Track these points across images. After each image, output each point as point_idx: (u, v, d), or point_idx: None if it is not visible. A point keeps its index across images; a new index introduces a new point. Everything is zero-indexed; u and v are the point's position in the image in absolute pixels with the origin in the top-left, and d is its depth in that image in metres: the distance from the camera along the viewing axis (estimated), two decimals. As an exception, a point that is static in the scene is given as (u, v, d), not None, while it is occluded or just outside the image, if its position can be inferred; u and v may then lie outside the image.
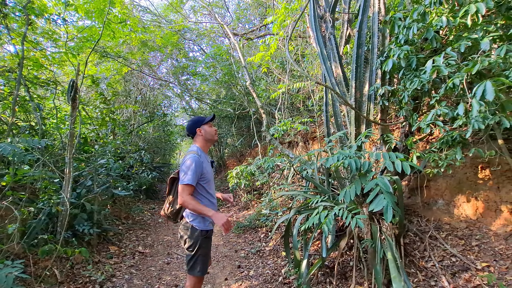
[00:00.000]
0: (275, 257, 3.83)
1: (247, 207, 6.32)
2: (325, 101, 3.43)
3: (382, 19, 2.87)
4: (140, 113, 8.49)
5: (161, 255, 4.27)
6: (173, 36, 6.94)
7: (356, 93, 2.76)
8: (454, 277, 2.34)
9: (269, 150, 5.05)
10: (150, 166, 7.80)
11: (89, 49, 5.43)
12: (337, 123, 3.29)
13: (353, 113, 2.76)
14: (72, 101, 3.79)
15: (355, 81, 2.74)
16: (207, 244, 2.14)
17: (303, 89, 6.27)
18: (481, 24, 1.95)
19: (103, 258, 3.80)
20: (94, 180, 4.10)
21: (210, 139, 2.21)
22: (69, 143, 3.70)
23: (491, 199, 2.71)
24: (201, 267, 2.08)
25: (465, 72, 1.87)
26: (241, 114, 7.75)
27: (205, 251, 2.12)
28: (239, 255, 4.13)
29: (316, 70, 4.77)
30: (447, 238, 2.74)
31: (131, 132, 8.19)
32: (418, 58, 2.42)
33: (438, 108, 2.10)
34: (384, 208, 1.66)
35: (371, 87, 2.89)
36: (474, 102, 1.74)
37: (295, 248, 2.82)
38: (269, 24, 8.90)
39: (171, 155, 16.68)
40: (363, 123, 2.85)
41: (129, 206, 6.52)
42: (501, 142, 2.60)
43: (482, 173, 2.85)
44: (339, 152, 2.00)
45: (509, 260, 2.24)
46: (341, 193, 1.99)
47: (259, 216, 4.97)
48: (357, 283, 2.82)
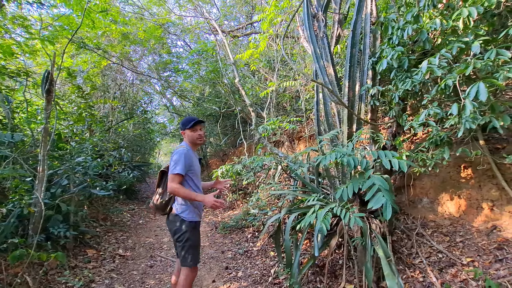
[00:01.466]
0: (264, 257, 3.78)
1: (233, 207, 6.22)
2: (316, 100, 3.43)
3: (373, 21, 2.92)
4: (119, 110, 8.11)
5: (144, 258, 4.08)
6: (156, 30, 6.68)
7: (349, 92, 2.78)
8: (442, 273, 2.42)
9: (257, 149, 5.00)
10: (130, 165, 7.48)
11: (66, 39, 5.10)
12: (328, 122, 3.30)
13: (345, 112, 2.77)
14: (47, 94, 3.51)
15: (349, 81, 2.76)
16: (195, 234, 2.27)
17: (290, 89, 6.29)
18: (471, 27, 2.01)
19: (80, 263, 3.56)
20: (70, 179, 3.83)
21: (193, 143, 2.35)
22: (43, 139, 3.43)
23: (473, 197, 2.84)
24: (192, 258, 2.20)
25: (458, 74, 1.92)
26: (226, 113, 7.63)
27: (194, 241, 2.25)
28: (226, 256, 4.03)
29: (306, 69, 4.78)
30: (433, 235, 2.83)
31: (109, 129, 7.80)
32: (410, 60, 2.48)
33: (430, 108, 2.15)
34: (383, 206, 1.66)
35: (363, 87, 2.92)
36: (467, 102, 1.79)
37: (287, 247, 2.78)
38: (255, 23, 8.86)
39: (150, 154, 16.13)
40: (354, 123, 2.88)
41: (106, 207, 6.19)
42: (483, 142, 2.72)
43: (465, 172, 2.97)
44: (337, 150, 1.98)
45: (491, 255, 2.35)
46: (338, 191, 1.98)
47: (246, 216, 4.90)
48: (347, 281, 2.83)
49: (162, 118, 16.21)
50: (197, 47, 7.09)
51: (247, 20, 9.17)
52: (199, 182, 2.36)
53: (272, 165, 5.46)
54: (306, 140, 6.85)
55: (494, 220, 2.62)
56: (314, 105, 3.46)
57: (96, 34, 5.98)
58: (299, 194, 3.28)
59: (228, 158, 10.60)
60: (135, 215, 6.59)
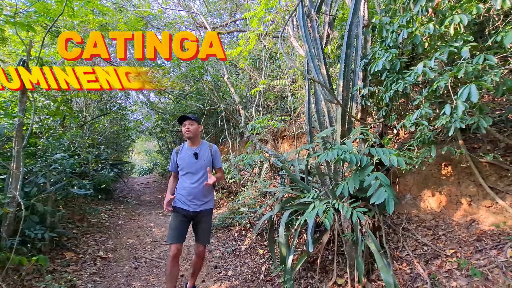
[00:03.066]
0: (253, 255, 3.78)
1: (217, 206, 6.14)
2: (308, 99, 3.49)
3: (365, 23, 3.02)
4: (95, 105, 7.66)
5: (127, 260, 3.90)
6: (138, 22, 6.41)
7: (344, 92, 2.85)
8: (428, 264, 2.56)
9: (246, 147, 4.97)
10: (107, 164, 7.11)
11: (41, 27, 4.74)
12: (319, 121, 3.37)
13: (339, 111, 2.84)
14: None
15: (343, 80, 2.83)
16: (174, 217, 2.62)
17: (275, 88, 6.33)
18: (461, 33, 2.16)
19: (58, 267, 3.32)
20: (47, 178, 3.57)
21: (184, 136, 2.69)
22: (18, 133, 3.16)
23: (452, 193, 3.04)
24: (167, 235, 2.60)
25: (450, 76, 2.05)
26: (209, 111, 7.50)
27: (172, 223, 2.61)
28: (214, 255, 3.98)
29: (293, 70, 4.84)
30: (417, 229, 3.00)
31: (84, 125, 7.36)
32: (401, 62, 2.60)
33: (422, 109, 2.27)
34: (386, 200, 1.73)
35: (354, 87, 3.02)
36: (459, 103, 1.91)
37: (281, 244, 2.80)
38: (238, 21, 8.81)
39: (125, 152, 15.46)
40: (346, 122, 2.96)
41: (82, 207, 5.84)
42: (461, 142, 2.93)
43: (445, 170, 3.18)
44: (338, 147, 2.03)
45: (472, 246, 2.53)
46: (339, 187, 2.03)
47: (232, 215, 4.86)
48: (338, 275, 2.91)
49: (137, 115, 15.58)
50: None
51: (230, 18, 9.09)
52: (187, 176, 2.64)
53: (258, 163, 5.47)
54: (289, 139, 6.96)
55: (472, 214, 2.83)
56: (306, 104, 3.52)
57: (72, 24, 5.60)
58: (291, 192, 3.31)
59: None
60: (113, 216, 6.28)
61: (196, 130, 2.64)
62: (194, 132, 2.61)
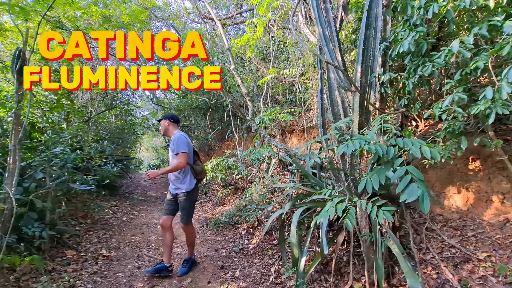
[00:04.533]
0: (262, 255, 3.57)
1: (223, 202, 5.96)
2: (320, 88, 3.23)
3: (385, 3, 2.74)
4: (100, 100, 7.54)
5: (130, 259, 3.74)
6: (141, 13, 6.21)
7: (362, 78, 2.59)
8: (457, 269, 2.31)
9: (254, 140, 4.75)
10: (112, 159, 6.99)
11: (39, 17, 4.57)
12: (333, 111, 3.11)
13: (356, 100, 2.58)
14: (18, 75, 3.08)
15: (361, 65, 2.57)
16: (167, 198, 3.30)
17: (283, 80, 6.06)
18: (503, 6, 1.87)
19: (58, 266, 3.18)
20: (46, 173, 3.41)
21: None
22: (14, 126, 3.00)
23: (482, 189, 2.76)
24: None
25: (490, 55, 1.77)
26: (215, 104, 7.29)
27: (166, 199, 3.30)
28: (221, 255, 3.78)
29: (302, 60, 4.57)
30: (442, 229, 2.73)
31: (89, 120, 7.25)
32: (428, 43, 2.32)
33: (455, 94, 2.00)
34: (420, 198, 1.48)
35: (373, 73, 2.75)
36: (504, 84, 1.64)
37: (292, 244, 2.58)
38: (245, 12, 8.54)
39: (132, 148, 15.43)
40: (364, 111, 2.70)
41: (86, 203, 5.73)
42: (492, 133, 2.63)
43: (473, 164, 2.89)
44: (359, 137, 1.78)
45: (508, 249, 2.26)
46: (361, 183, 1.79)
47: (239, 212, 4.66)
48: (354, 279, 2.68)
49: (143, 111, 15.50)
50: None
51: (236, 9, 8.82)
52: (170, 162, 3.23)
53: (266, 158, 5.24)
54: (298, 134, 6.69)
55: (506, 213, 2.55)
56: (318, 93, 3.26)
57: (74, 16, 5.44)
58: (303, 188, 3.08)
59: (214, 153, 10.28)
60: (118, 212, 6.16)
61: (163, 126, 3.20)
62: (162, 129, 3.22)
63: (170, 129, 3.18)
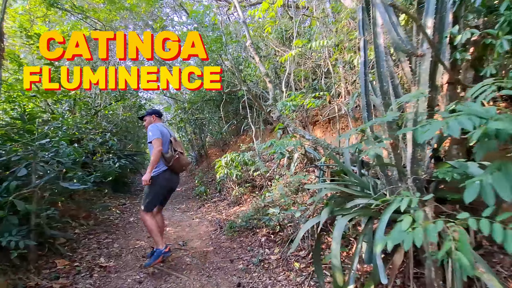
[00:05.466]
0: (287, 270, 2.91)
1: (239, 202, 5.33)
2: (364, 59, 2.50)
3: None
4: (108, 92, 7.10)
5: (131, 270, 3.18)
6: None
7: (434, 35, 1.84)
8: None
9: (276, 130, 4.07)
10: (120, 154, 6.53)
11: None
12: (382, 90, 2.38)
13: (425, 68, 1.85)
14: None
15: (434, 18, 1.82)
16: None
17: (309, 58, 5.28)
18: None
19: (44, 280, 2.66)
20: (32, 169, 2.90)
21: None
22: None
23: None
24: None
25: None
26: (230, 93, 6.66)
27: None
28: (237, 267, 3.16)
29: (340, 31, 3.76)
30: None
31: (97, 113, 6.82)
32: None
33: None
34: None
35: (444, 32, 1.99)
36: None
37: (335, 268, 1.89)
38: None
39: (145, 143, 15.15)
40: (434, 84, 1.95)
41: (92, 201, 5.28)
42: None
43: None
44: (468, 110, 1.06)
45: None
46: (470, 189, 1.07)
47: (258, 214, 4.02)
48: (417, 313, 1.97)
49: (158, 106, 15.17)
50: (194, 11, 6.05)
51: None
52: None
53: (287, 153, 4.56)
54: (323, 125, 5.95)
55: None
56: (361, 67, 2.53)
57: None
58: (341, 189, 2.38)
59: (229, 148, 9.68)
60: (125, 212, 5.69)
61: (149, 122, 3.28)
62: (148, 125, 3.23)
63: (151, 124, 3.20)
